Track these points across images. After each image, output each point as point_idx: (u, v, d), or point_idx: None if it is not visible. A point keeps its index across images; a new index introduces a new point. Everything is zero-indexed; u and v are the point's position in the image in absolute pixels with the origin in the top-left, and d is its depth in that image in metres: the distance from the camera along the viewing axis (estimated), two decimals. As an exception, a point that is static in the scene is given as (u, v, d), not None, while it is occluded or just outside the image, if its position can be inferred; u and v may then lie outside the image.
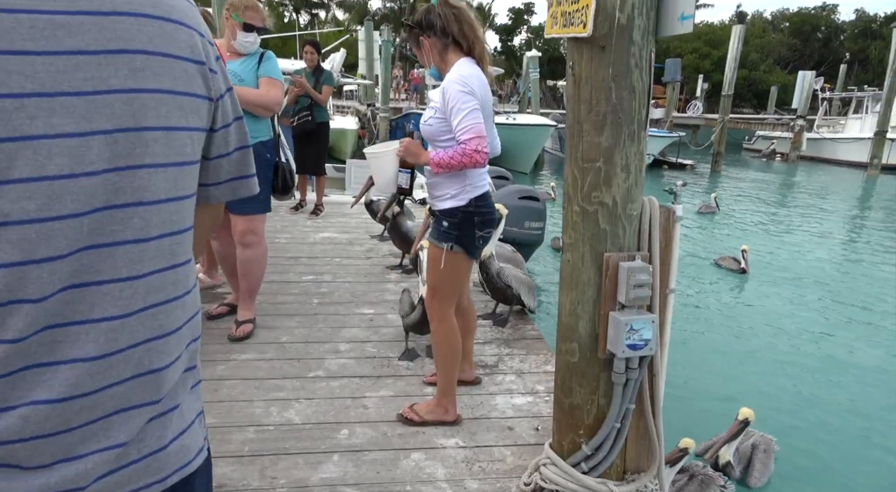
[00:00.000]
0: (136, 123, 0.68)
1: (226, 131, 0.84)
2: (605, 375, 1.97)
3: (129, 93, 0.67)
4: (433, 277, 2.37)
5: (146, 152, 0.69)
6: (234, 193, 0.90)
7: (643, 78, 1.78)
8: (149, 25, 0.69)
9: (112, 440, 0.69)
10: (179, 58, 0.73)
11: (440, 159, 2.15)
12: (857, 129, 21.76)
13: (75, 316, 0.65)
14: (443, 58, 2.25)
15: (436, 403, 2.55)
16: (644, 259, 1.88)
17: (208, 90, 0.78)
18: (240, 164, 0.89)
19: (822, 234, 10.49)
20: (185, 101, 0.74)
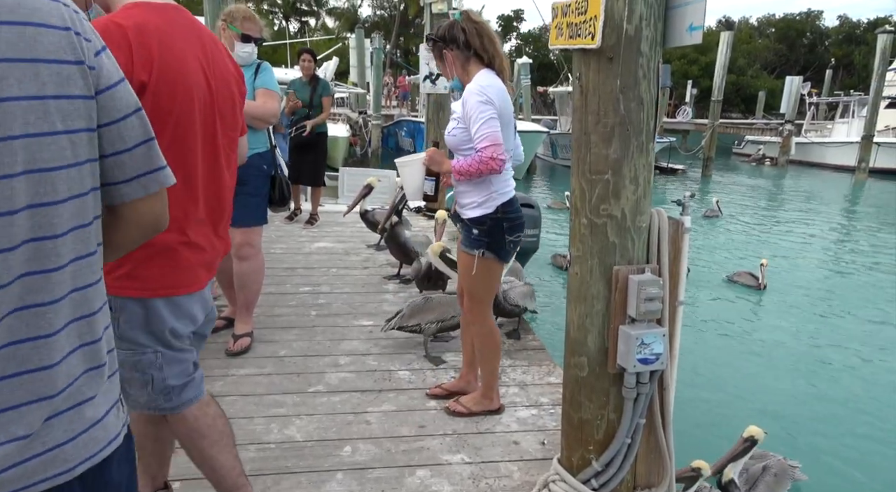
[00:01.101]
0: (3, 132, 0.68)
1: (119, 126, 0.82)
2: (615, 389, 1.94)
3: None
4: (468, 283, 2.48)
5: (16, 161, 0.70)
6: (146, 189, 0.88)
7: (651, 89, 1.76)
8: (7, 32, 0.69)
9: (12, 434, 0.73)
10: (46, 61, 0.72)
11: (460, 167, 2.26)
12: (844, 133, 22.02)
13: None
14: (465, 70, 2.35)
15: (481, 394, 2.68)
16: (654, 272, 1.86)
17: (88, 88, 0.77)
18: (146, 158, 0.87)
19: (833, 240, 10.41)
20: (60, 105, 0.74)
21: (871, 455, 3.79)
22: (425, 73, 5.99)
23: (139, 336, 1.50)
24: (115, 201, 0.86)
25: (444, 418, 2.67)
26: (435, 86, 5.99)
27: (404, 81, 24.95)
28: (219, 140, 1.57)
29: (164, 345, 1.54)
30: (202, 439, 1.64)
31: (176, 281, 1.52)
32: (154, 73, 1.37)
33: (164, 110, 1.40)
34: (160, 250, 1.48)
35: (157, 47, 1.38)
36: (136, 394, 1.57)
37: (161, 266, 1.49)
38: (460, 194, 2.40)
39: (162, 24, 1.42)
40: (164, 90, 1.40)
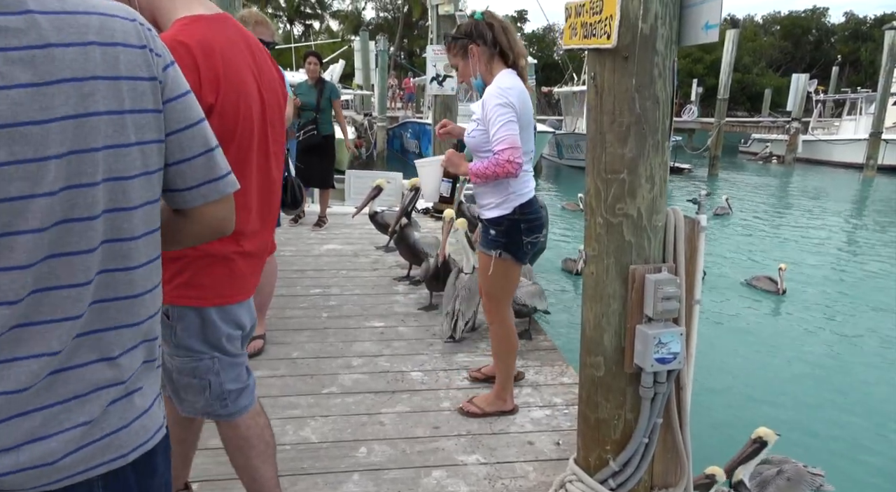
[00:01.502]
0: (85, 144, 0.74)
1: (181, 136, 0.86)
2: (632, 389, 1.94)
3: (78, 118, 0.73)
4: (485, 283, 2.51)
5: (94, 171, 0.75)
6: (205, 198, 0.91)
7: (667, 88, 1.76)
8: (94, 52, 0.75)
9: (75, 421, 0.78)
10: (127, 78, 0.78)
11: (477, 170, 2.28)
12: (851, 130, 21.90)
13: (40, 316, 0.74)
14: (488, 67, 2.37)
15: (495, 395, 2.68)
16: (670, 271, 1.86)
17: (157, 103, 0.83)
18: (206, 168, 0.90)
19: (847, 241, 10.24)
20: (135, 119, 0.79)
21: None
22: (432, 75, 6.00)
23: (195, 344, 1.52)
24: (178, 206, 0.91)
25: (458, 419, 2.68)
26: (442, 87, 6.01)
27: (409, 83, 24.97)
28: (270, 149, 1.58)
29: (220, 351, 1.55)
30: (250, 448, 1.66)
31: (230, 290, 1.53)
32: (220, 95, 1.38)
33: (229, 131, 1.41)
34: (218, 260, 1.50)
35: (223, 67, 1.38)
36: (193, 399, 1.59)
37: (218, 275, 1.50)
38: (479, 195, 2.43)
39: (224, 43, 1.41)
40: (228, 111, 1.41)
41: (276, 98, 1.60)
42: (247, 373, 1.68)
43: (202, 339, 1.53)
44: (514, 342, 2.69)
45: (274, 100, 1.58)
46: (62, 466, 0.77)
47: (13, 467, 0.73)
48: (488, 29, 2.33)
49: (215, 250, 1.47)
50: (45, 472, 0.76)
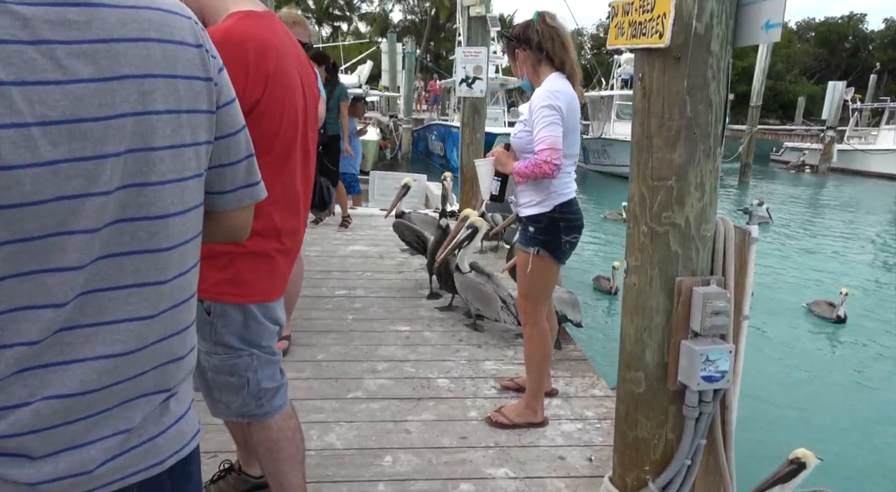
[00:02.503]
0: (144, 143, 0.72)
1: (229, 140, 0.85)
2: (675, 407, 1.84)
3: (138, 116, 0.71)
4: (524, 282, 2.49)
5: (153, 170, 0.73)
6: (240, 202, 0.90)
7: (720, 90, 1.66)
8: (155, 49, 0.72)
9: (115, 428, 0.75)
10: (184, 77, 0.76)
11: (519, 169, 2.31)
12: (890, 140, 21.22)
13: (86, 319, 0.71)
14: (535, 71, 2.40)
15: (524, 405, 2.61)
16: (719, 284, 1.76)
17: (211, 104, 0.81)
18: (247, 172, 0.89)
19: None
20: (190, 119, 0.77)
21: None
22: (462, 77, 5.93)
23: (234, 341, 1.53)
24: (207, 208, 0.88)
25: (485, 430, 2.60)
26: (471, 89, 5.93)
27: (435, 85, 24.99)
28: (310, 146, 1.60)
29: (258, 347, 1.56)
30: (280, 451, 1.66)
31: (270, 287, 1.55)
32: (267, 92, 1.38)
33: (274, 128, 1.42)
34: (261, 257, 1.51)
35: (274, 66, 1.39)
36: (229, 399, 1.60)
37: (260, 273, 1.52)
38: (519, 193, 2.44)
39: (276, 41, 1.42)
40: (275, 109, 1.41)
41: (314, 96, 1.59)
42: (280, 372, 1.69)
43: (242, 336, 1.53)
44: (548, 347, 2.64)
45: (312, 98, 1.58)
46: (100, 474, 0.74)
47: (52, 475, 0.71)
48: (535, 34, 2.35)
49: (259, 248, 1.48)
50: (82, 481, 0.73)
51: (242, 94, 1.35)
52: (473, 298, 3.56)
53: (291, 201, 1.55)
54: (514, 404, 2.69)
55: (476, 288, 3.54)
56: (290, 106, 1.45)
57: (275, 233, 1.51)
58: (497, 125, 15.43)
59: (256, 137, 1.45)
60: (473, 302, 3.56)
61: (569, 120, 2.29)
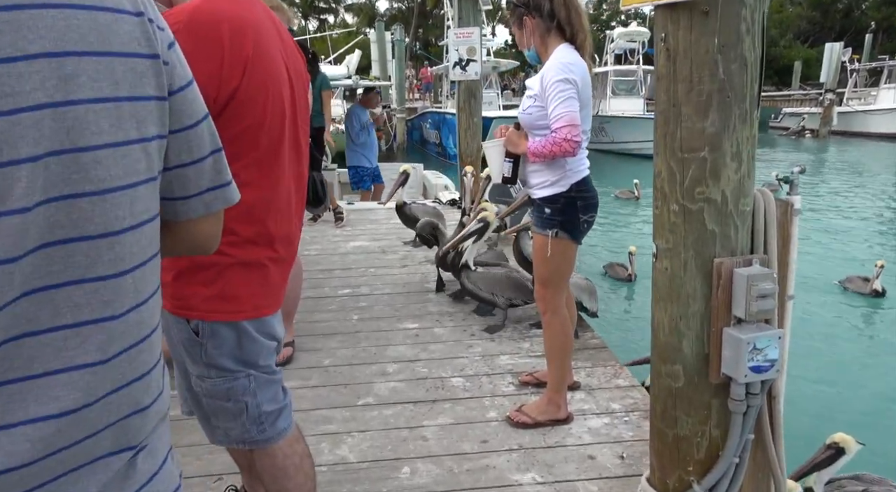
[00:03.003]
0: (71, 142, 0.56)
1: (189, 133, 0.70)
2: (718, 401, 1.67)
3: (59, 107, 0.55)
4: (542, 267, 2.36)
5: (88, 177, 0.57)
6: (208, 207, 0.75)
7: (756, 47, 1.47)
8: (78, 18, 0.56)
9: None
10: (122, 54, 0.60)
11: (535, 148, 2.17)
12: (890, 99, 20.93)
13: (12, 374, 0.55)
14: (543, 41, 2.25)
15: (547, 401, 2.47)
16: (762, 263, 1.58)
17: (160, 88, 0.65)
18: (214, 171, 0.74)
19: None
20: (134, 108, 0.61)
21: None
22: (455, 60, 5.72)
23: (229, 362, 1.36)
24: (167, 218, 0.72)
25: (507, 431, 2.44)
26: (465, 72, 5.72)
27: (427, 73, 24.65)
28: (301, 140, 1.42)
29: (256, 368, 1.40)
30: (287, 480, 1.50)
31: (264, 300, 1.37)
32: (246, 77, 1.20)
33: (258, 119, 1.25)
34: (253, 267, 1.33)
35: (253, 48, 1.21)
36: (227, 426, 1.43)
37: (252, 285, 1.34)
38: (531, 174, 2.30)
39: (254, 20, 1.23)
40: (257, 96, 1.23)
41: (303, 84, 1.40)
42: (283, 392, 1.52)
43: (236, 356, 1.37)
44: (569, 336, 2.50)
45: (302, 86, 1.39)
46: None
47: None
48: (548, 1, 2.17)
49: (250, 257, 1.32)
50: None
51: (219, 81, 1.17)
52: (494, 288, 3.36)
53: (283, 203, 1.38)
54: (536, 401, 2.53)
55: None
56: (275, 94, 1.26)
57: (267, 239, 1.34)
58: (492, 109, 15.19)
59: (240, 131, 1.27)
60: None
61: (583, 93, 2.15)
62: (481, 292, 3.37)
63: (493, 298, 3.37)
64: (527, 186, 2.36)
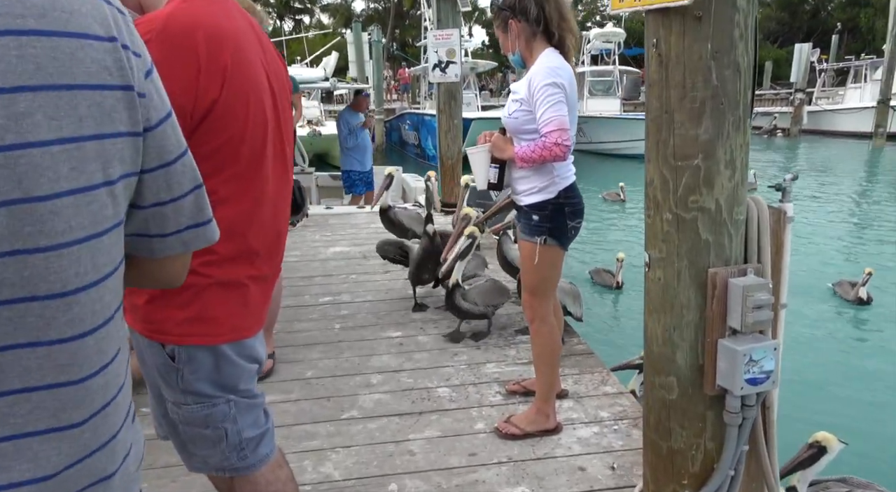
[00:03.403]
0: (23, 192, 0.49)
1: (168, 171, 0.63)
2: (713, 413, 1.64)
3: (8, 151, 0.48)
4: (530, 274, 2.32)
5: (41, 231, 0.51)
6: (186, 246, 0.69)
7: (748, 53, 1.45)
8: (34, 47, 0.49)
9: None
10: (87, 87, 0.53)
11: (524, 153, 2.14)
12: (857, 98, 21.45)
13: None
14: (528, 45, 2.22)
15: (536, 411, 2.42)
16: (757, 272, 1.55)
17: (134, 123, 0.58)
18: (194, 208, 0.68)
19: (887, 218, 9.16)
20: (100, 147, 0.55)
21: None
22: (434, 62, 5.66)
23: (207, 387, 1.28)
24: (140, 254, 0.66)
25: (496, 443, 2.39)
26: (445, 74, 5.67)
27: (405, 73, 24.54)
28: (286, 150, 1.35)
29: (236, 392, 1.32)
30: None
31: (245, 322, 1.29)
32: (225, 89, 1.12)
33: (238, 131, 1.17)
34: (232, 288, 1.25)
35: (231, 58, 1.13)
36: (205, 454, 1.34)
37: (231, 306, 1.26)
38: (518, 181, 2.26)
39: (233, 28, 1.16)
40: (238, 108, 1.16)
41: (285, 91, 1.33)
42: (265, 415, 1.44)
43: (214, 381, 1.29)
44: (557, 344, 2.46)
45: (284, 93, 1.31)
46: None
47: None
48: (534, 4, 2.14)
49: (229, 276, 1.24)
50: None
51: (195, 93, 1.09)
52: (563, 295, 3.16)
53: (267, 217, 1.30)
54: (525, 412, 2.48)
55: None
56: (256, 103, 1.19)
57: (248, 256, 1.27)
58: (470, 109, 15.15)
59: (220, 144, 1.19)
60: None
61: (570, 98, 2.12)
62: (477, 308, 3.25)
63: (485, 311, 3.28)
64: (513, 192, 2.32)
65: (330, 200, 8.23)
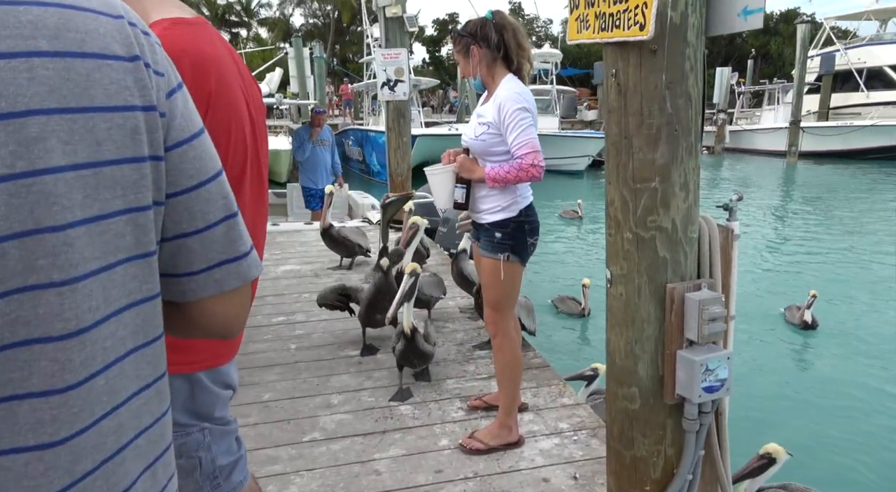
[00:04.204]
0: (35, 223, 0.46)
1: (192, 196, 0.59)
2: (672, 421, 1.74)
3: (18, 179, 0.45)
4: (493, 291, 2.38)
5: (54, 264, 0.47)
6: (220, 286, 0.63)
7: (698, 84, 1.57)
8: (48, 68, 0.47)
9: None
10: (107, 109, 0.50)
11: (496, 174, 2.20)
12: (772, 119, 23.08)
13: None
14: (490, 70, 2.28)
15: (499, 425, 2.47)
16: (710, 287, 1.66)
17: (154, 146, 0.55)
18: (225, 241, 0.62)
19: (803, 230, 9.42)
20: (117, 173, 0.51)
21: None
22: (383, 80, 5.70)
23: (180, 416, 1.25)
24: (175, 298, 0.61)
25: (461, 459, 2.41)
26: (394, 92, 5.72)
27: (347, 89, 24.42)
28: (263, 173, 1.34)
29: (210, 420, 1.29)
30: None
31: (222, 349, 1.27)
32: (209, 116, 1.11)
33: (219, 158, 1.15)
34: None
35: (215, 85, 1.12)
36: (179, 484, 1.28)
37: None
38: (481, 200, 2.33)
39: (215, 55, 1.15)
40: (220, 137, 1.13)
41: (262, 117, 1.33)
42: (237, 443, 1.41)
43: (189, 409, 1.27)
44: (520, 359, 2.52)
45: (262, 119, 1.32)
46: None
47: None
48: (495, 32, 2.24)
49: None
50: None
51: None
52: (518, 308, 2.86)
53: None
54: (488, 427, 2.52)
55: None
56: (237, 130, 1.19)
57: None
58: (414, 126, 15.23)
59: None
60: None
61: (534, 121, 2.24)
62: (435, 348, 3.02)
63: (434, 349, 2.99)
64: (473, 211, 2.38)
65: (275, 218, 8.07)
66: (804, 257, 8.41)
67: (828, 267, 7.80)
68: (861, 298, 6.39)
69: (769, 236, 9.83)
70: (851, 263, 7.95)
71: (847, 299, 6.30)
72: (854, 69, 21.63)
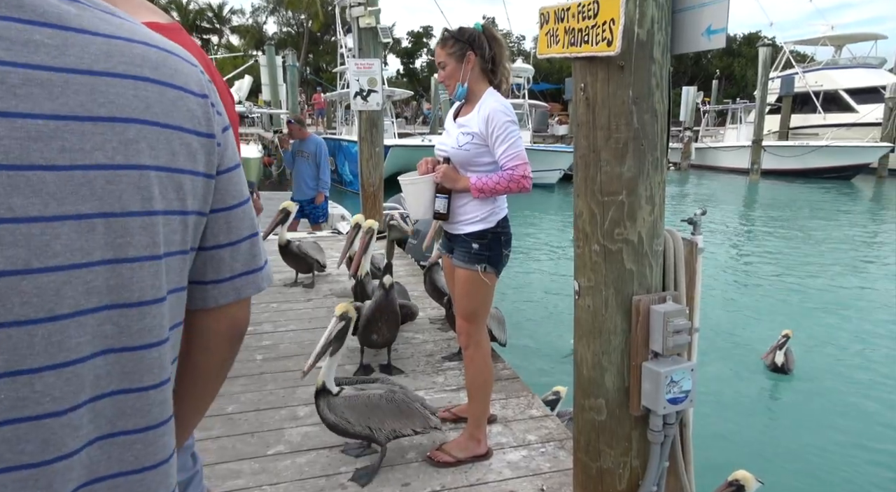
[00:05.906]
0: (121, 207, 0.57)
1: (230, 214, 0.71)
2: (638, 433, 1.75)
3: (115, 170, 0.57)
4: (467, 301, 2.37)
5: (130, 243, 0.58)
6: (239, 293, 0.74)
7: (664, 100, 1.60)
8: (148, 90, 0.60)
9: None
10: (181, 129, 0.63)
11: (483, 185, 2.21)
12: (735, 137, 23.83)
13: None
14: (478, 79, 2.30)
15: (468, 437, 2.46)
16: (674, 299, 1.69)
17: (210, 166, 0.67)
18: (249, 255, 0.74)
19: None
20: (183, 180, 0.63)
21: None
22: (356, 90, 5.69)
23: None
24: (195, 306, 0.71)
25: (428, 471, 2.39)
26: (367, 102, 5.71)
27: (319, 98, 24.30)
28: None
29: None
30: None
31: None
32: None
33: None
34: None
35: None
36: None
37: None
38: (461, 211, 2.33)
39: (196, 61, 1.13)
40: None
41: (234, 122, 1.31)
42: (192, 459, 1.36)
43: None
44: (491, 370, 2.52)
45: (234, 125, 1.30)
46: None
47: None
48: (488, 43, 2.28)
49: None
50: None
51: None
52: (371, 420, 2.27)
53: None
54: (457, 439, 2.50)
55: (364, 404, 2.28)
56: None
57: None
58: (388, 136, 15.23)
59: None
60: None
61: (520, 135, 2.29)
62: (351, 427, 2.24)
63: (369, 433, 2.27)
64: (450, 221, 2.37)
65: None
66: (767, 270, 8.67)
67: (790, 281, 8.06)
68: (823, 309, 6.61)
69: (731, 253, 10.08)
70: (811, 277, 8.24)
71: (808, 312, 6.49)
72: (812, 91, 22.54)
